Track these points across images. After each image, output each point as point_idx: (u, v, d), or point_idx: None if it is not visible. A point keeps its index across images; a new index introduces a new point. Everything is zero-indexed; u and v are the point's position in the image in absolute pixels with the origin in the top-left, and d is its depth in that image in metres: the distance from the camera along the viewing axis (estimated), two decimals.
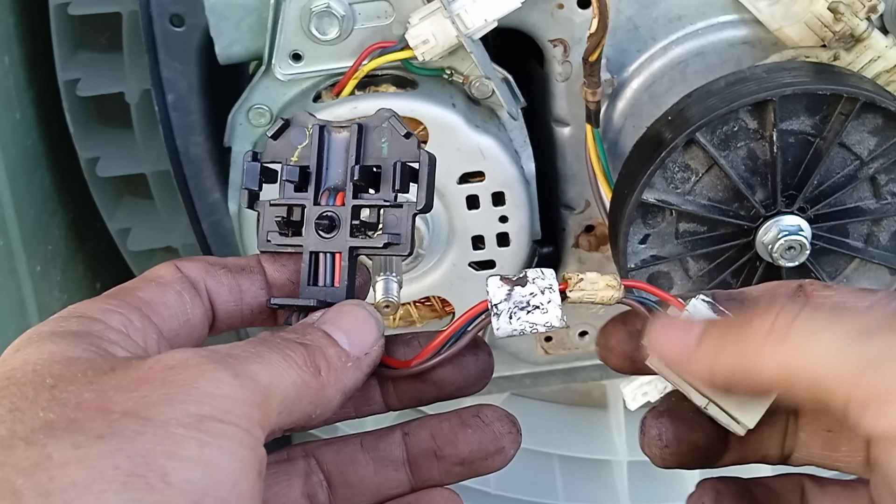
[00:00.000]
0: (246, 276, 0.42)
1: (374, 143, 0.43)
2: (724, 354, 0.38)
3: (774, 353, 0.36)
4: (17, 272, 0.81)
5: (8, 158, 0.80)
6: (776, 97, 0.67)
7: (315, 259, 0.43)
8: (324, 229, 0.43)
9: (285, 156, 0.44)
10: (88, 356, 0.35)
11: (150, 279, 0.41)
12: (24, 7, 0.85)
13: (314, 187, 0.43)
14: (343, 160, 0.43)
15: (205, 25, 0.74)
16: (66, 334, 0.36)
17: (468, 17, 0.71)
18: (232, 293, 0.42)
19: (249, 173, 0.43)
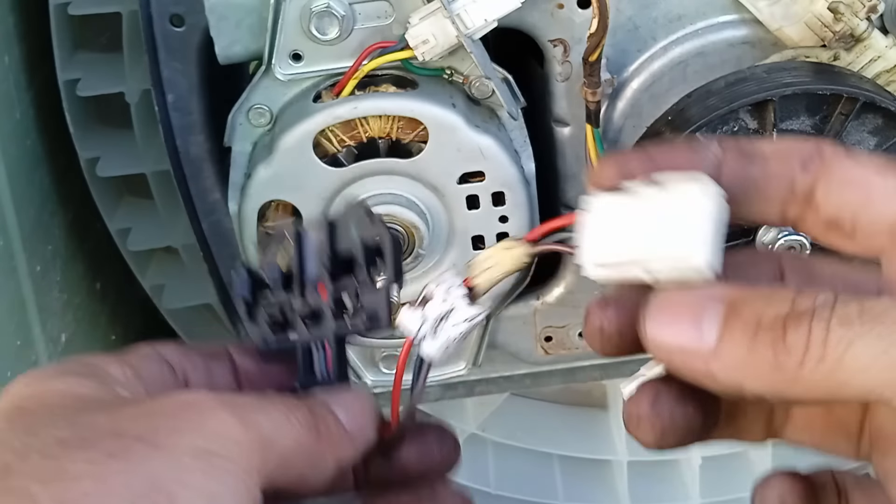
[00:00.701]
0: (216, 363, 0.44)
1: (346, 233, 0.46)
2: (757, 371, 0.32)
3: (814, 374, 0.32)
4: (17, 272, 0.81)
5: (7, 158, 0.80)
6: (776, 97, 0.67)
7: (308, 353, 0.45)
8: (309, 319, 0.45)
9: (272, 264, 0.47)
10: (99, 394, 0.37)
11: (132, 353, 0.42)
12: (24, 7, 0.85)
13: (298, 284, 0.45)
14: (317, 255, 0.46)
15: (205, 25, 0.74)
16: (73, 374, 0.37)
17: (468, 17, 0.71)
18: (205, 377, 0.43)
19: (241, 285, 0.46)
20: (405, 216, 0.76)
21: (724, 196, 0.35)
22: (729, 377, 0.33)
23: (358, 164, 0.75)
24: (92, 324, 0.96)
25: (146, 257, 0.94)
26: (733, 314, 0.33)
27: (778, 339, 0.32)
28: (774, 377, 0.32)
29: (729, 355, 0.33)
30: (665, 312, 0.34)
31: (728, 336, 0.33)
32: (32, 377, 0.38)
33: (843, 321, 0.31)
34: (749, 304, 0.33)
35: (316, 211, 0.77)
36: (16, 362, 0.80)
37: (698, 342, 0.33)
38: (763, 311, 0.33)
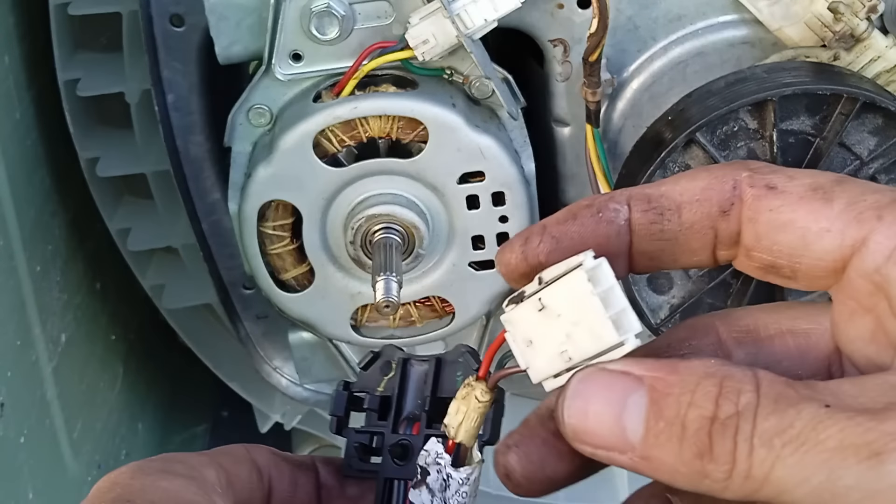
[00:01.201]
0: (302, 473, 0.45)
1: (450, 377, 0.46)
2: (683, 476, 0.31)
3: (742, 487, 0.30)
4: (17, 272, 0.82)
5: (8, 158, 0.80)
6: (776, 97, 0.67)
7: (389, 485, 0.45)
8: (397, 456, 0.45)
9: (372, 386, 0.47)
10: (203, 501, 0.37)
11: (224, 451, 0.43)
12: (25, 7, 0.85)
13: (393, 416, 0.46)
14: (420, 391, 0.47)
15: (205, 25, 0.74)
16: (177, 475, 0.38)
17: (468, 17, 0.71)
18: (290, 485, 0.44)
19: (337, 401, 0.47)
20: (405, 216, 0.76)
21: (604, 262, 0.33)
22: (657, 475, 0.32)
23: (358, 164, 0.75)
24: (92, 324, 0.96)
25: (146, 257, 0.94)
26: (656, 411, 0.31)
27: (705, 450, 0.30)
28: (703, 483, 0.31)
29: (656, 458, 0.31)
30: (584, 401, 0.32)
31: (653, 438, 0.31)
32: (137, 469, 0.38)
33: (763, 441, 0.30)
34: (673, 399, 0.31)
35: (316, 211, 0.77)
36: (16, 362, 0.80)
37: (623, 441, 0.31)
38: (687, 410, 0.31)
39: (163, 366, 1.12)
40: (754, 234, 0.34)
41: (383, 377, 0.47)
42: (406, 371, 0.47)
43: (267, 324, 0.91)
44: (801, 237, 0.33)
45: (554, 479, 0.37)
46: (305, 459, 0.45)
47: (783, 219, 0.33)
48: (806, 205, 0.33)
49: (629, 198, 0.35)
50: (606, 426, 0.31)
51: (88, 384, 0.95)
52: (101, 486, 0.38)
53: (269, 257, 0.80)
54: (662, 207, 0.34)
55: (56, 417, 0.87)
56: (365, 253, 0.77)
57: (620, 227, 0.34)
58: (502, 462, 0.37)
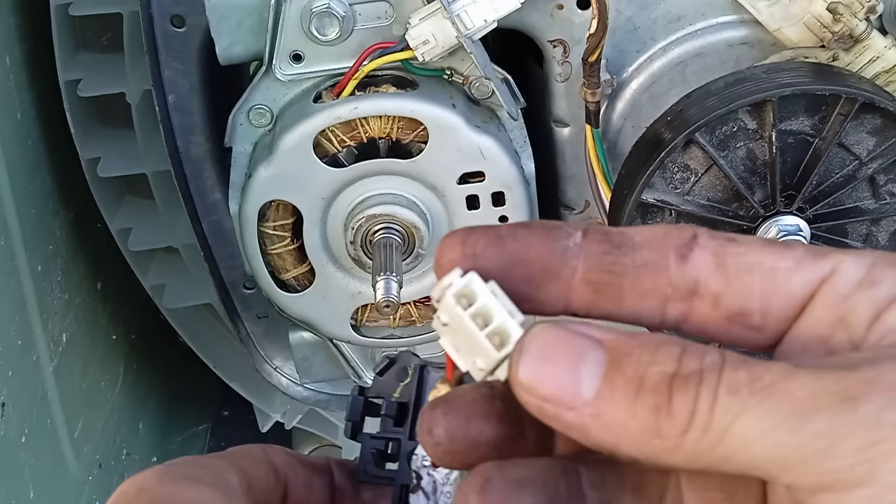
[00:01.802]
0: (317, 475, 0.45)
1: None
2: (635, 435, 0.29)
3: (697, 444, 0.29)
4: (18, 272, 0.82)
5: (9, 158, 0.80)
6: (775, 97, 0.67)
7: (405, 491, 0.45)
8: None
9: (388, 391, 0.47)
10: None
11: (242, 452, 0.43)
12: (26, 8, 0.85)
13: (410, 423, 0.46)
14: None
15: (205, 26, 0.75)
16: (203, 482, 0.38)
17: (468, 17, 0.71)
18: (305, 487, 0.44)
19: (353, 407, 0.47)
20: (405, 216, 0.76)
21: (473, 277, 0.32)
22: (603, 437, 0.30)
23: (358, 164, 0.75)
24: (93, 323, 0.97)
25: (147, 257, 0.94)
26: (615, 368, 0.30)
27: (662, 403, 0.29)
28: (653, 444, 0.29)
29: (607, 414, 0.29)
30: (540, 351, 0.30)
31: (608, 393, 0.29)
32: (164, 475, 0.38)
33: (730, 389, 0.28)
34: (633, 358, 0.30)
35: (316, 211, 0.77)
36: (17, 362, 0.80)
37: (575, 394, 0.30)
38: (647, 368, 0.29)
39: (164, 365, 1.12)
40: (724, 279, 0.32)
41: (399, 383, 0.47)
42: (423, 378, 0.47)
43: (267, 323, 0.92)
44: (770, 276, 0.32)
45: (477, 440, 0.34)
46: (321, 461, 0.46)
47: (751, 261, 0.32)
48: (770, 249, 0.32)
49: (587, 228, 0.33)
50: (560, 378, 0.30)
51: (89, 384, 0.95)
52: (127, 490, 0.37)
53: (269, 257, 0.80)
54: (619, 242, 0.33)
55: (57, 417, 0.87)
56: (365, 253, 0.77)
57: (568, 248, 0.33)
58: (427, 416, 0.34)
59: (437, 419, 0.34)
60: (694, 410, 0.29)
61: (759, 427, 0.28)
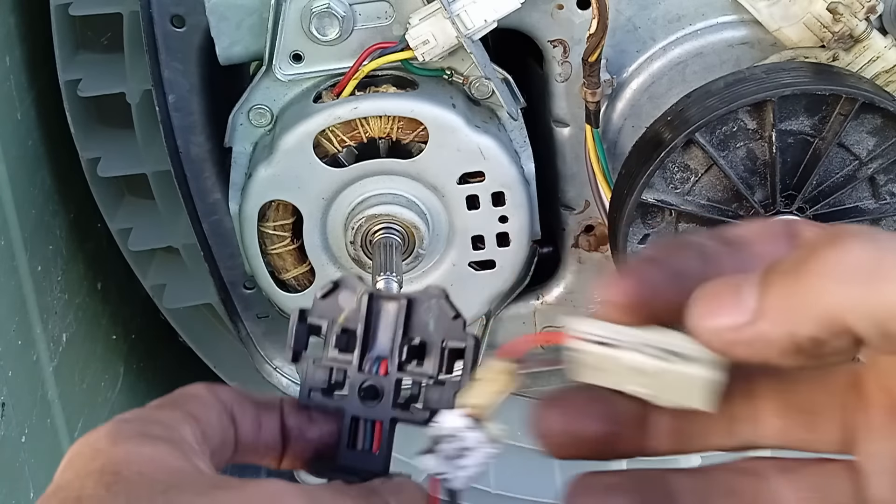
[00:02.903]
0: (266, 413, 0.44)
1: (421, 318, 0.44)
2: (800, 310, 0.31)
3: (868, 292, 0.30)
4: (18, 272, 0.82)
5: (9, 158, 0.80)
6: (775, 97, 0.67)
7: (355, 424, 0.45)
8: (368, 397, 0.44)
9: (331, 316, 0.45)
10: (188, 468, 0.37)
11: (191, 395, 0.42)
12: (26, 8, 0.85)
13: (359, 353, 0.44)
14: (390, 330, 0.45)
15: (205, 26, 0.75)
16: (156, 438, 0.38)
17: (468, 17, 0.71)
18: (253, 426, 0.43)
19: (297, 335, 0.45)
20: (405, 216, 0.76)
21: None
22: (779, 330, 0.32)
23: (358, 164, 0.75)
24: (93, 324, 0.97)
25: (147, 257, 0.94)
26: (768, 272, 0.33)
27: (820, 260, 0.31)
28: (822, 306, 0.31)
29: (772, 306, 0.32)
30: (706, 297, 0.34)
31: (767, 289, 0.32)
32: (116, 434, 0.38)
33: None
34: (783, 260, 0.33)
35: (317, 211, 0.77)
36: (17, 362, 0.80)
37: (742, 310, 0.33)
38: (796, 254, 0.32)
39: (164, 365, 1.12)
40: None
41: (343, 309, 0.45)
42: (372, 306, 0.45)
43: (267, 323, 0.92)
44: None
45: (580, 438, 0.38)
46: (270, 401, 0.45)
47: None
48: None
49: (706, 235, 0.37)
50: (727, 304, 0.33)
51: (89, 384, 0.95)
52: (81, 452, 0.37)
53: (269, 257, 0.80)
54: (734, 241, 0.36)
55: (57, 417, 0.87)
56: (365, 253, 0.77)
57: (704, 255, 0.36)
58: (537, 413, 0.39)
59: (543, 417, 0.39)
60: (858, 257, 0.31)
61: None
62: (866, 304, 0.30)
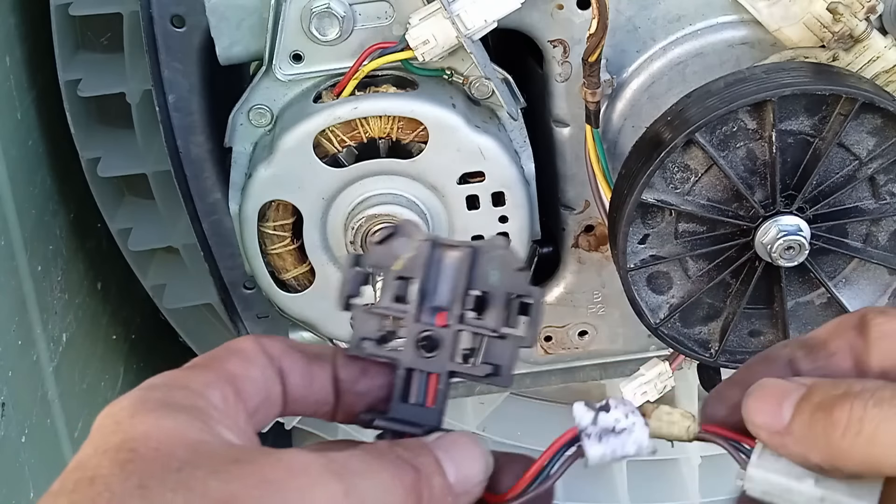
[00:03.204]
0: (318, 365, 0.42)
1: (483, 269, 0.42)
2: (814, 443, 0.38)
3: (854, 447, 0.36)
4: (18, 272, 0.82)
5: (9, 158, 0.80)
6: (775, 97, 0.67)
7: (409, 376, 0.42)
8: (425, 348, 0.42)
9: (387, 263, 0.43)
10: (209, 440, 0.36)
11: (233, 351, 0.41)
12: (26, 8, 0.85)
13: (418, 303, 0.42)
14: (451, 280, 0.42)
15: (205, 26, 0.75)
16: (179, 408, 0.37)
17: (468, 17, 0.71)
18: (303, 378, 0.42)
19: (350, 281, 0.43)
20: (405, 216, 0.76)
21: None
22: (796, 449, 0.38)
23: (358, 164, 0.75)
24: (93, 323, 0.97)
25: (147, 257, 0.94)
26: (805, 398, 0.39)
27: (827, 416, 0.37)
28: (826, 449, 0.37)
29: (796, 431, 0.38)
30: (758, 398, 0.40)
31: (797, 415, 0.38)
32: (139, 404, 0.37)
33: (877, 402, 0.36)
34: (820, 389, 0.39)
35: (316, 211, 0.77)
36: (17, 362, 0.80)
37: (778, 421, 0.39)
38: (822, 394, 0.38)
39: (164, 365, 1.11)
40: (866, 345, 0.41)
41: (400, 255, 0.42)
42: (433, 255, 0.42)
43: (267, 323, 0.91)
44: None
45: None
46: (323, 350, 0.43)
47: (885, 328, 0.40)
48: None
49: (788, 343, 0.43)
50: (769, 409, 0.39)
51: (89, 384, 0.95)
52: (103, 424, 0.37)
53: (269, 257, 0.80)
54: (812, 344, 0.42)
55: (57, 417, 0.87)
56: None
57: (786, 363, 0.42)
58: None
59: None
60: (848, 419, 0.37)
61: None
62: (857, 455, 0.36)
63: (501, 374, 0.42)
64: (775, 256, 0.70)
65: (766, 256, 0.70)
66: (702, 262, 0.74)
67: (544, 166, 0.82)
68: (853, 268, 0.75)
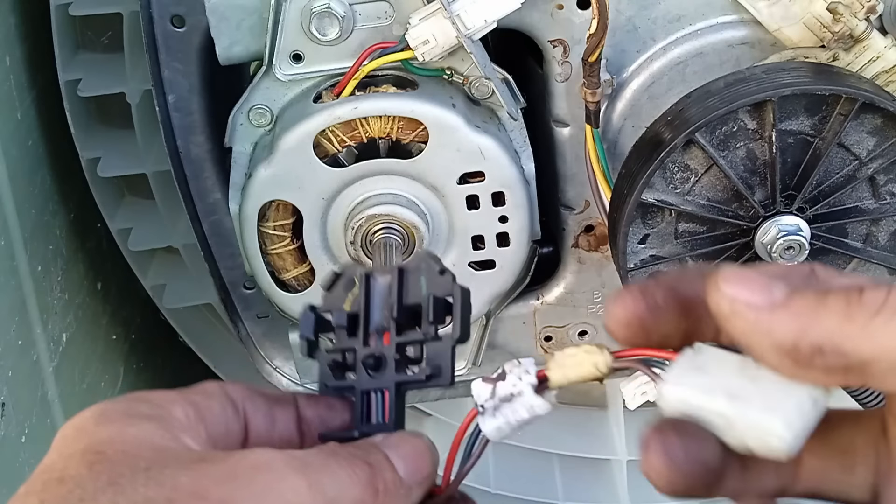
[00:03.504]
0: (280, 408, 0.44)
1: (415, 284, 0.46)
2: (819, 322, 0.34)
3: (886, 329, 0.33)
4: (18, 272, 0.82)
5: (9, 158, 0.80)
6: (775, 97, 0.67)
7: (367, 397, 0.45)
8: (371, 368, 0.45)
9: (338, 305, 0.47)
10: (173, 446, 0.37)
11: (196, 387, 0.43)
12: (26, 7, 0.85)
13: (363, 330, 0.46)
14: (385, 302, 0.46)
15: (205, 26, 0.75)
16: (142, 417, 0.38)
17: (468, 17, 0.71)
18: (265, 420, 0.44)
19: (304, 323, 0.46)
20: (405, 216, 0.76)
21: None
22: (790, 326, 0.34)
23: (358, 164, 0.75)
24: (93, 324, 0.97)
25: (147, 257, 0.94)
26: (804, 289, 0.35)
27: (853, 295, 0.33)
28: (843, 327, 0.33)
29: (798, 305, 0.34)
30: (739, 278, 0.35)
31: (798, 295, 0.34)
32: (102, 415, 0.38)
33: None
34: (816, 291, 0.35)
35: (316, 211, 0.77)
36: (17, 362, 0.80)
37: (768, 298, 0.34)
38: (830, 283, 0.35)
39: (164, 365, 1.12)
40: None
41: (348, 295, 0.47)
42: (370, 285, 0.46)
43: (267, 323, 0.92)
44: None
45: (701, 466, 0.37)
46: (284, 394, 0.45)
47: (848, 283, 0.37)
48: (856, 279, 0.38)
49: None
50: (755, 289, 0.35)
51: (89, 384, 0.95)
52: (66, 434, 0.38)
53: (269, 257, 0.80)
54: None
55: (57, 417, 0.87)
56: (365, 253, 0.77)
57: None
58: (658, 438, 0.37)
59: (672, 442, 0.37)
60: (886, 301, 0.33)
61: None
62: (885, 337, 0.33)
63: (442, 373, 0.44)
64: (775, 256, 0.70)
65: (766, 256, 0.70)
66: (702, 262, 0.74)
67: (544, 166, 0.82)
68: (853, 268, 0.75)
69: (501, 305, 0.86)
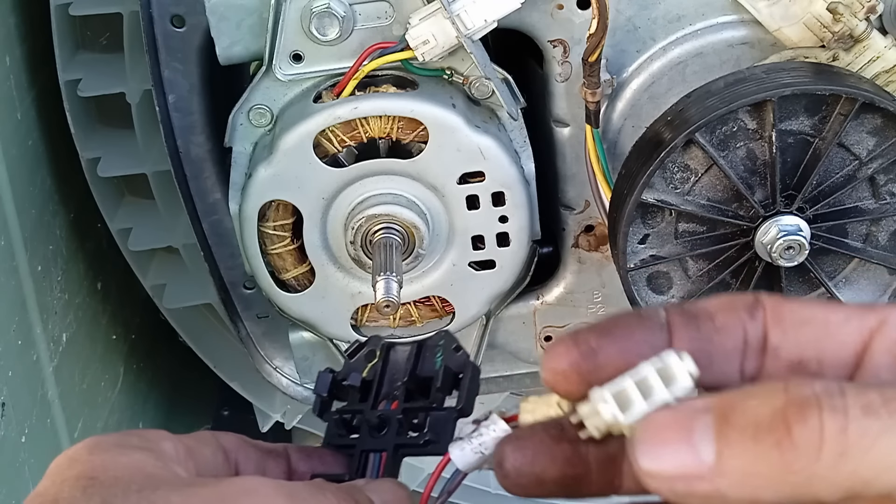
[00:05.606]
0: (272, 459, 0.45)
1: (430, 358, 0.48)
2: (767, 478, 0.29)
3: (835, 472, 0.28)
4: (18, 272, 0.82)
5: (9, 158, 0.80)
6: (775, 97, 0.67)
7: (365, 456, 0.47)
8: (375, 428, 0.47)
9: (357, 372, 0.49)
10: (165, 473, 0.38)
11: (189, 435, 0.43)
12: (26, 7, 0.85)
13: (374, 396, 0.48)
14: (401, 371, 0.48)
15: (205, 26, 0.75)
16: (133, 448, 0.39)
17: (468, 17, 0.71)
18: (256, 471, 0.44)
19: (321, 381, 0.48)
20: (405, 216, 0.76)
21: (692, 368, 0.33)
22: (740, 492, 0.29)
23: (358, 164, 0.75)
24: (93, 324, 0.97)
25: (147, 257, 0.94)
26: (725, 423, 0.30)
27: (782, 437, 0.28)
28: (788, 480, 0.28)
29: (733, 468, 0.29)
30: (652, 437, 0.30)
31: (726, 448, 0.29)
32: (96, 446, 0.39)
33: (867, 411, 0.28)
34: (739, 407, 0.30)
35: (316, 211, 0.77)
36: (17, 362, 0.80)
37: (697, 463, 0.29)
38: (756, 410, 0.29)
39: (164, 365, 1.12)
40: (782, 333, 0.34)
41: (367, 364, 0.49)
42: (388, 356, 0.49)
43: (267, 323, 0.92)
44: (823, 327, 0.34)
45: (542, 479, 0.37)
46: (276, 447, 0.46)
47: (804, 315, 0.34)
48: (821, 305, 0.34)
49: (666, 308, 0.35)
50: (678, 455, 0.30)
51: (89, 384, 0.95)
52: (59, 463, 0.38)
53: (269, 257, 0.80)
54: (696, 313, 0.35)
55: (57, 417, 0.87)
56: (365, 253, 0.77)
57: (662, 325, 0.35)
58: (500, 450, 0.38)
59: (506, 454, 0.37)
60: (822, 436, 0.28)
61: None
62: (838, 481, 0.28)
63: (440, 441, 0.46)
64: (775, 256, 0.70)
65: (766, 256, 0.71)
66: (702, 262, 0.74)
67: (544, 166, 0.82)
68: (853, 268, 0.75)
69: (501, 305, 0.86)
